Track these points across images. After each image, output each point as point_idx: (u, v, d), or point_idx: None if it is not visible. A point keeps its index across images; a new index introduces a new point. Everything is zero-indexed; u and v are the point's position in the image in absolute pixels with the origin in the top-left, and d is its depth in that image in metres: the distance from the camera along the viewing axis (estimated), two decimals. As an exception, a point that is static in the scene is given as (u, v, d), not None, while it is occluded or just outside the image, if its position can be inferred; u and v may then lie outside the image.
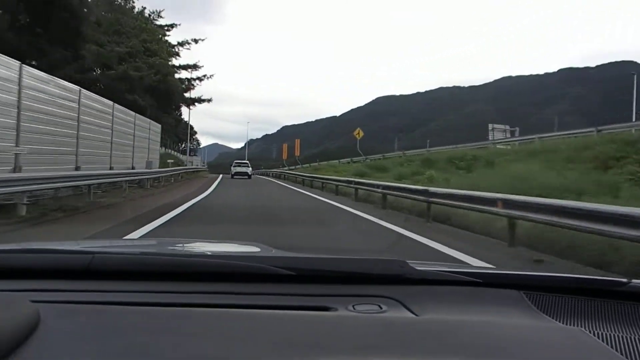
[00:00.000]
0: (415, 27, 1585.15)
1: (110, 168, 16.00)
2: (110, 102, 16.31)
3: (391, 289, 1.08)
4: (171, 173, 23.29)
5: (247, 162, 39.39)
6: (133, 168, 19.12)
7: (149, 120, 22.68)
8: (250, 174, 35.68)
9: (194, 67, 36.73)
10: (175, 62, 35.86)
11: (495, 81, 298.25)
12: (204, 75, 38.16)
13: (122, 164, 17.70)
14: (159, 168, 23.87)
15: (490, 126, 39.42)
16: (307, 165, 46.50)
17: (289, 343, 0.78)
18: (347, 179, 18.15)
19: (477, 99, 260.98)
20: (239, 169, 35.15)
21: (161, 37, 30.79)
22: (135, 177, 16.68)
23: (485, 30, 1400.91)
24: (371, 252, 6.07)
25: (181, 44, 34.84)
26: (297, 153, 51.85)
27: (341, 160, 42.39)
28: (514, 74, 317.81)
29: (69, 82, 13.57)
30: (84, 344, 0.75)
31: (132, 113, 19.41)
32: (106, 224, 7.91)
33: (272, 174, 45.38)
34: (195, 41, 35.68)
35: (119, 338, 0.77)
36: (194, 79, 37.93)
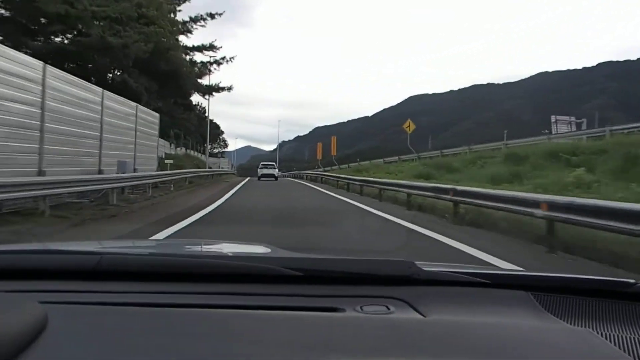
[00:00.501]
0: (446, 24, 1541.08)
1: (40, 173, 9.35)
2: (39, 63, 9.60)
3: (399, 290, 1.06)
4: (168, 178, 16.62)
5: (273, 163, 39.36)
6: (100, 172, 12.50)
7: (133, 104, 15.83)
8: (276, 175, 35.80)
9: (211, 47, 29.43)
10: (188, 42, 28.87)
11: (532, 77, 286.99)
12: (223, 58, 30.84)
13: (75, 165, 11.08)
14: (157, 171, 17.30)
15: (552, 118, 32.39)
16: (346, 166, 39.39)
17: (297, 344, 0.78)
18: (436, 185, 10.73)
19: (513, 95, 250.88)
20: (265, 171, 35.22)
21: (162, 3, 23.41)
22: (87, 187, 9.99)
23: (520, 25, 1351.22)
24: (379, 252, 5.48)
25: (194, 19, 27.72)
26: (334, 152, 44.90)
27: (386, 159, 34.96)
28: (550, 70, 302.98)
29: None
30: (92, 345, 0.74)
31: (98, 89, 12.75)
32: None
33: (307, 176, 39.05)
34: (212, 16, 28.14)
35: (127, 339, 0.77)
36: (211, 63, 30.72)
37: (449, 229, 8.02)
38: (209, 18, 28.45)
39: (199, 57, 30.54)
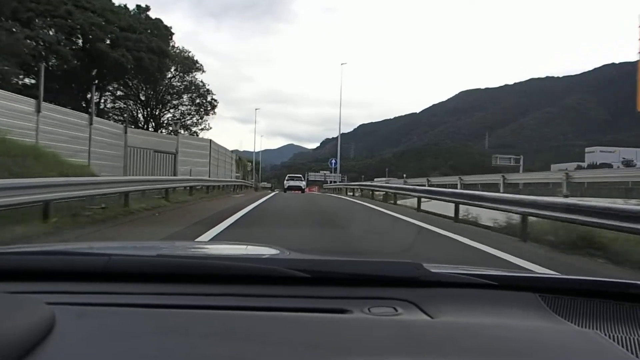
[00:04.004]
0: (498, 12, 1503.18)
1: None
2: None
3: (407, 291, 1.08)
4: None
5: (301, 176, 40.02)
6: None
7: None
8: (303, 187, 35.91)
9: None
10: None
11: (596, 69, 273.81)
12: None
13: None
14: None
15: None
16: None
17: (304, 346, 0.79)
18: None
19: (576, 89, 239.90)
20: (292, 183, 35.86)
21: None
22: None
23: (578, 14, 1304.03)
24: (387, 254, 5.30)
25: None
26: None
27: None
28: (617, 61, 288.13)
29: None
30: (100, 346, 0.76)
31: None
32: None
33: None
34: None
35: (135, 340, 0.79)
36: None
37: None
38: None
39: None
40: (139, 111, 35.05)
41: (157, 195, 14.12)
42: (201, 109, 37.31)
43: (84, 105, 23.70)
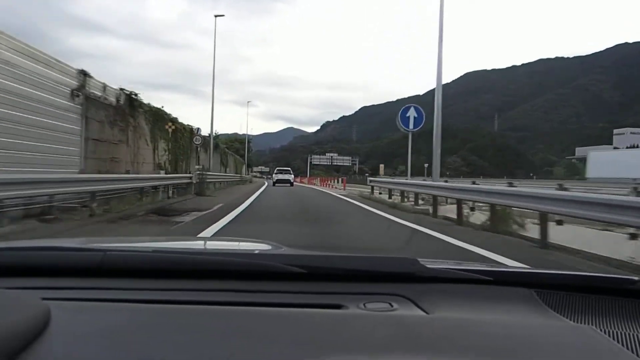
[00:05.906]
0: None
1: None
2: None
3: (402, 287, 1.10)
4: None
5: (289, 169, 40.47)
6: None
7: None
8: (292, 181, 36.95)
9: None
10: None
11: (608, 50, 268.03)
12: None
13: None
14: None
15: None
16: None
17: (300, 341, 0.80)
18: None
19: (588, 70, 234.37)
20: (280, 177, 36.64)
21: None
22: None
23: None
24: (383, 250, 5.52)
25: None
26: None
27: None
28: (631, 40, 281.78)
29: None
30: (95, 342, 0.77)
31: None
32: None
33: None
34: None
35: (131, 336, 0.80)
36: None
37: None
38: None
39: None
40: None
41: None
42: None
43: None
